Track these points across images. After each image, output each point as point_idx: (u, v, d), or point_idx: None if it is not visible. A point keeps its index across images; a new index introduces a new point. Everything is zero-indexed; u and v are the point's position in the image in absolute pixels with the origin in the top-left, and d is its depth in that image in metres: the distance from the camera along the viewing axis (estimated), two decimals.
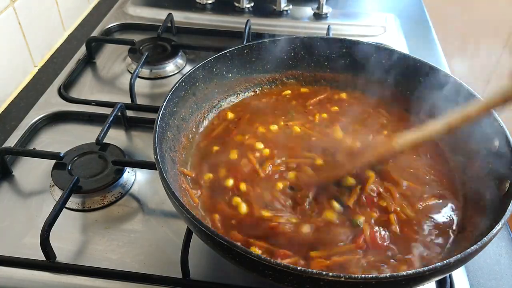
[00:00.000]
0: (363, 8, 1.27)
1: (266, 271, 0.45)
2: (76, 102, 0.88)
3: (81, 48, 1.04)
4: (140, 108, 0.87)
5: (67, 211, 0.68)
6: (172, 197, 0.51)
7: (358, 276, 0.43)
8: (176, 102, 0.67)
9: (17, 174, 0.75)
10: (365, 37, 1.10)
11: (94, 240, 0.65)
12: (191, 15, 1.19)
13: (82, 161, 0.74)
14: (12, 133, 0.81)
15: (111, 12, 1.19)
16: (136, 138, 0.83)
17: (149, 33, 1.09)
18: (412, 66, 0.75)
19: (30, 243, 0.64)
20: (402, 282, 0.44)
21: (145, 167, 0.73)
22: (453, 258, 0.45)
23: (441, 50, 1.11)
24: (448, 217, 0.61)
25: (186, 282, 0.60)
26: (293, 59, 0.81)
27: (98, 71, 1.00)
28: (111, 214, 0.69)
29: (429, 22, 1.23)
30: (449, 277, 0.61)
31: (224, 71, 0.76)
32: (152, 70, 0.98)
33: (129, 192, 0.72)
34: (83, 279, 0.60)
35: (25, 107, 0.87)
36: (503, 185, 0.57)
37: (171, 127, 0.65)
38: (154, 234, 0.66)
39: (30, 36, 0.96)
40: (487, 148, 0.62)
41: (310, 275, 0.43)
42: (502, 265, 0.65)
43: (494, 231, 0.48)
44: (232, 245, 0.46)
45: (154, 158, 0.56)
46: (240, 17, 1.18)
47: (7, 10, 0.89)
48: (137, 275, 0.60)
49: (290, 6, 1.22)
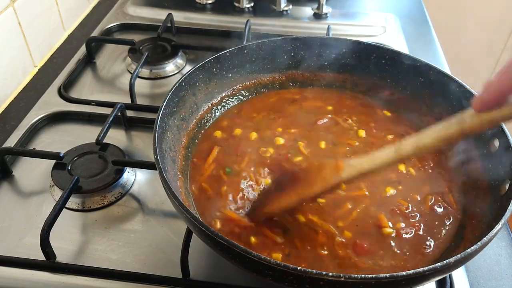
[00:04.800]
0: (363, 8, 1.27)
1: (266, 271, 0.45)
2: (76, 102, 0.88)
3: (81, 48, 1.04)
4: (140, 108, 0.87)
5: (67, 211, 0.69)
6: (172, 197, 0.51)
7: (358, 276, 0.43)
8: (176, 102, 0.67)
9: (17, 174, 0.75)
10: (365, 37, 1.10)
11: (94, 240, 0.65)
12: (191, 15, 1.19)
13: (82, 161, 0.74)
14: (12, 133, 0.81)
15: (111, 12, 1.19)
16: (136, 138, 0.83)
17: (149, 33, 1.09)
18: (412, 66, 0.75)
19: (30, 243, 0.64)
20: (402, 282, 0.44)
21: (145, 167, 0.73)
22: (453, 258, 0.45)
23: (441, 50, 1.11)
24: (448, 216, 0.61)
25: (186, 282, 0.60)
26: (293, 59, 0.81)
27: (98, 71, 1.00)
28: (111, 214, 0.69)
29: (429, 22, 1.23)
30: (449, 277, 0.61)
31: (224, 71, 0.76)
32: (152, 70, 0.98)
33: (129, 192, 0.72)
34: (83, 279, 0.60)
35: (25, 107, 0.87)
36: (503, 185, 0.57)
37: (171, 127, 0.65)
38: (154, 234, 0.66)
39: (30, 36, 0.96)
40: (487, 148, 0.62)
41: (310, 275, 0.43)
42: (502, 265, 0.65)
43: (494, 231, 0.48)
44: (232, 245, 0.46)
45: (154, 158, 0.56)
46: (240, 17, 1.18)
47: (7, 10, 0.89)
48: (137, 275, 0.60)
49: (290, 6, 1.22)
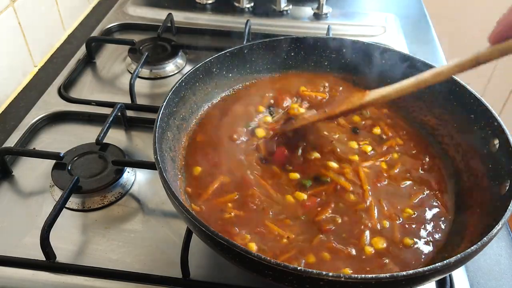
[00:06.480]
0: (363, 8, 1.27)
1: (266, 271, 0.45)
2: (76, 102, 0.88)
3: (81, 48, 1.04)
4: (140, 108, 0.87)
5: (67, 211, 0.69)
6: (172, 197, 0.51)
7: (358, 276, 0.43)
8: (176, 102, 0.67)
9: (17, 174, 0.75)
10: (365, 37, 1.10)
11: (94, 240, 0.65)
12: (191, 15, 1.19)
13: (82, 161, 0.74)
14: (12, 133, 0.81)
15: (111, 12, 1.19)
16: (136, 138, 0.83)
17: (149, 33, 1.09)
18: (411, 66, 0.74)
19: (30, 243, 0.64)
20: (402, 282, 0.44)
21: (145, 167, 0.73)
22: (453, 258, 0.45)
23: (441, 50, 1.11)
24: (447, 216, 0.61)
25: (186, 282, 0.60)
26: (293, 59, 0.81)
27: (98, 71, 1.00)
28: (111, 214, 0.69)
29: (429, 22, 1.23)
30: (449, 277, 0.61)
31: (224, 71, 0.76)
32: (152, 70, 0.98)
33: (129, 192, 0.72)
34: (83, 279, 0.60)
35: (25, 107, 0.87)
36: (503, 185, 0.57)
37: (171, 127, 0.65)
38: (154, 234, 0.66)
39: (30, 36, 0.96)
40: (487, 148, 0.62)
41: (310, 275, 0.43)
42: (502, 265, 0.65)
43: (494, 231, 0.48)
44: (232, 245, 0.46)
45: (154, 158, 0.56)
46: (240, 17, 1.18)
47: (7, 10, 0.89)
48: (137, 275, 0.60)
49: (290, 6, 1.22)
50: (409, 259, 0.55)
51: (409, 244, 0.57)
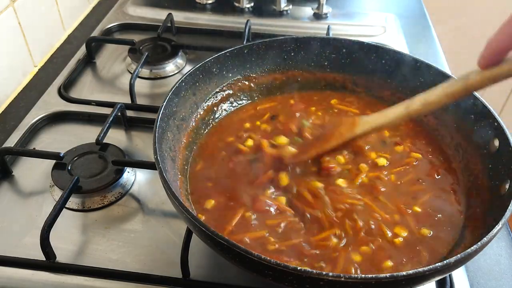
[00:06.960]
0: (363, 8, 1.27)
1: (266, 271, 0.45)
2: (76, 102, 0.88)
3: (81, 48, 1.04)
4: (140, 108, 0.87)
5: (67, 211, 0.68)
6: (172, 197, 0.51)
7: (358, 276, 0.43)
8: (176, 102, 0.67)
9: (17, 174, 0.75)
10: (365, 37, 1.10)
11: (94, 240, 0.65)
12: (191, 15, 1.19)
13: (82, 161, 0.74)
14: (12, 133, 0.81)
15: (111, 12, 1.19)
16: (136, 138, 0.83)
17: (149, 33, 1.09)
18: (412, 66, 0.75)
19: (30, 243, 0.64)
20: (402, 282, 0.44)
21: (145, 167, 0.73)
22: (453, 258, 0.45)
23: (441, 50, 1.11)
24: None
25: (186, 282, 0.60)
26: (293, 59, 0.81)
27: (98, 71, 1.00)
28: (111, 214, 0.69)
29: (429, 22, 1.23)
30: (449, 277, 0.61)
31: (224, 71, 0.76)
32: (152, 70, 0.98)
33: (129, 192, 0.72)
34: (83, 279, 0.60)
35: (25, 107, 0.87)
36: (503, 185, 0.57)
37: (171, 127, 0.65)
38: (154, 234, 0.66)
39: (30, 36, 0.96)
40: (487, 148, 0.62)
41: (310, 275, 0.43)
42: (502, 265, 0.65)
43: (494, 231, 0.48)
44: (232, 245, 0.46)
45: (154, 158, 0.56)
46: (240, 17, 1.18)
47: (7, 10, 0.89)
48: (137, 275, 0.60)
49: (290, 6, 1.22)
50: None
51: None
